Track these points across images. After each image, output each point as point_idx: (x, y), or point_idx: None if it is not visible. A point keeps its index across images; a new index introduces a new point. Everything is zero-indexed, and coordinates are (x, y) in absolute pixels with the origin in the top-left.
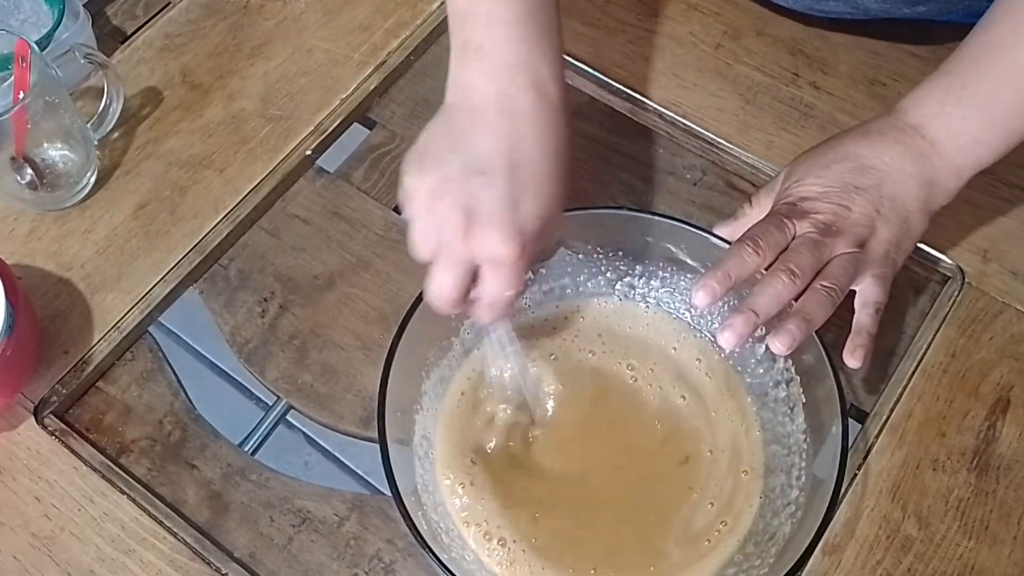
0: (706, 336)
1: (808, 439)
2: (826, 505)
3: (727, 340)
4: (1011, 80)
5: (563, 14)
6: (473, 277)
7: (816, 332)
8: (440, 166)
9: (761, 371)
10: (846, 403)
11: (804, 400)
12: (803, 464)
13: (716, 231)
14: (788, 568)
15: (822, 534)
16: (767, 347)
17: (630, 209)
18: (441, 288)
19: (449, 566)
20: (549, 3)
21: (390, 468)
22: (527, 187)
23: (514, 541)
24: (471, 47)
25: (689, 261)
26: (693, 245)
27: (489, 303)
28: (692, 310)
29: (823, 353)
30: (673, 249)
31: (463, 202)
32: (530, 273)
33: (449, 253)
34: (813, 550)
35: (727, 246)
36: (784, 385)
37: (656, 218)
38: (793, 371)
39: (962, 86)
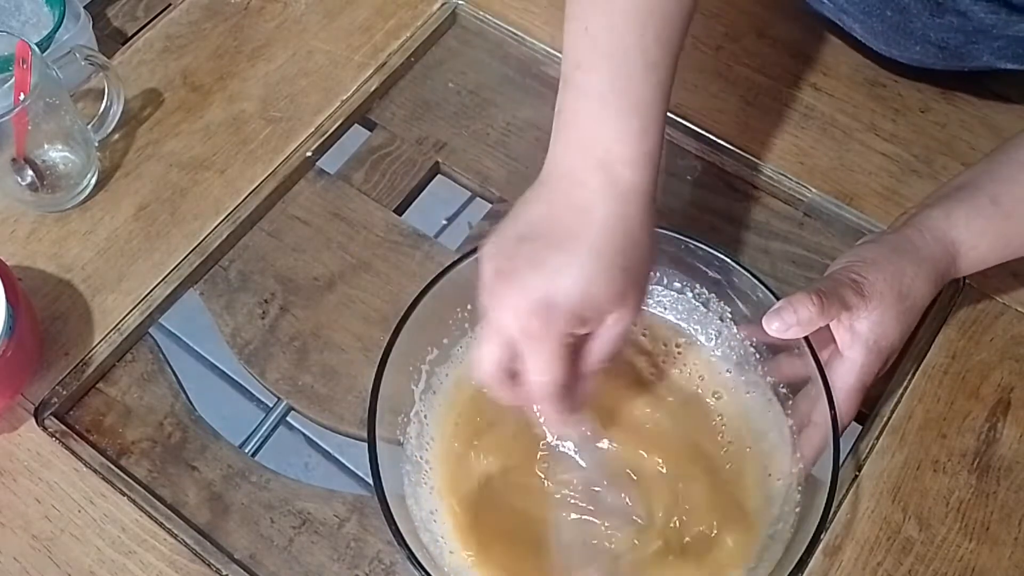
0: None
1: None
2: (823, 506)
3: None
4: None
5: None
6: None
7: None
8: (501, 229)
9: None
10: (835, 406)
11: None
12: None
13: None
14: (789, 570)
15: (820, 536)
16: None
17: None
18: (480, 356)
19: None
20: (651, 78)
21: (376, 465)
22: (562, 263)
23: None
24: (562, 115)
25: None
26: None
27: (535, 392)
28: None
29: (811, 358)
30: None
31: (501, 265)
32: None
33: (488, 318)
34: (813, 551)
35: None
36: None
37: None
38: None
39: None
